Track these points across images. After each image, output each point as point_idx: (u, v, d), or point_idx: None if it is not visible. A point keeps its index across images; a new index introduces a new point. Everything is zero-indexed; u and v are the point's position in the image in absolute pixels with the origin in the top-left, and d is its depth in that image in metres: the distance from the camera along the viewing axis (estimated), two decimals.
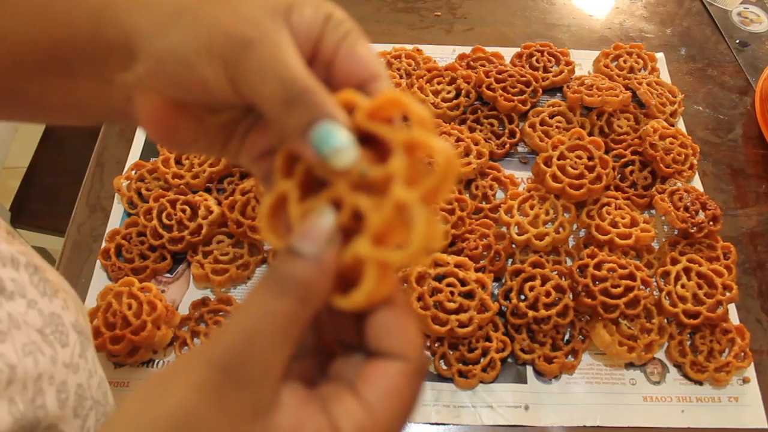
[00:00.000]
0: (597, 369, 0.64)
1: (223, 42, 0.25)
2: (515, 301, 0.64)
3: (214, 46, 0.25)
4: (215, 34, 0.25)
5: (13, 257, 0.34)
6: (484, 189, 0.73)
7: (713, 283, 0.65)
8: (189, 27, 0.25)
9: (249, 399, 0.21)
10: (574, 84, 0.81)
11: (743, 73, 0.90)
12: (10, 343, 0.29)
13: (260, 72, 0.24)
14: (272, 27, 0.25)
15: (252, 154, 0.30)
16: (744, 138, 0.83)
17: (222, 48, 0.25)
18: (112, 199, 0.74)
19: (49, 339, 0.34)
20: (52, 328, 0.35)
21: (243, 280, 0.67)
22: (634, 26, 0.95)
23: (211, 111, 0.29)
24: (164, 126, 0.29)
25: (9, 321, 0.30)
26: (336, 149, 0.23)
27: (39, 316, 0.33)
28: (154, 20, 0.26)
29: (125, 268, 0.66)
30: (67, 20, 0.29)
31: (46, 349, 0.32)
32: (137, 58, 0.27)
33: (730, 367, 0.63)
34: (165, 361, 0.63)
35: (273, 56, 0.24)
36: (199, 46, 0.25)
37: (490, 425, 0.60)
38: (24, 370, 0.29)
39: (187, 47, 0.25)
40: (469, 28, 0.94)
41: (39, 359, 0.31)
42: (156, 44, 0.26)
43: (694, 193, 0.70)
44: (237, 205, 0.69)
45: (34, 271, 0.35)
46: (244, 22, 0.25)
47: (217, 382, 0.21)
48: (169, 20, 0.26)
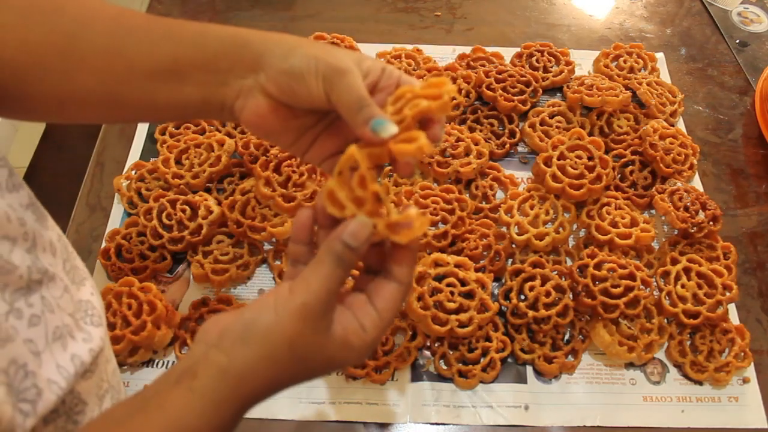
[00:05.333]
0: (597, 369, 0.64)
1: (326, 69, 0.40)
2: (515, 301, 0.64)
3: (320, 70, 0.40)
4: (321, 64, 0.40)
5: (51, 243, 0.39)
6: (484, 189, 0.73)
7: (713, 283, 0.65)
8: (304, 56, 0.40)
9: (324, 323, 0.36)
10: (574, 84, 0.81)
11: (743, 73, 0.90)
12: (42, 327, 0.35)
13: (347, 89, 0.39)
14: (353, 66, 0.40)
15: (321, 154, 0.45)
16: (744, 138, 0.83)
17: (325, 72, 0.40)
18: (112, 199, 0.74)
19: (80, 324, 0.38)
20: (82, 314, 0.40)
21: (243, 280, 0.67)
22: (634, 26, 0.95)
23: (294, 116, 0.43)
24: (262, 120, 0.43)
25: (42, 305, 0.35)
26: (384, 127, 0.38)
27: (70, 302, 0.39)
28: (281, 49, 0.42)
29: (125, 268, 0.66)
30: (197, 43, 0.42)
31: (77, 333, 0.38)
32: (261, 71, 0.42)
33: (730, 367, 0.63)
34: (165, 361, 0.63)
35: (354, 82, 0.40)
36: (310, 69, 0.40)
37: (490, 425, 0.60)
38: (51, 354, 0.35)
39: (303, 68, 0.40)
40: (469, 28, 0.94)
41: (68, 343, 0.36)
42: (281, 64, 0.41)
43: (694, 193, 0.70)
44: (237, 205, 0.69)
45: (67, 257, 0.41)
46: (339, 60, 0.40)
47: (311, 313, 0.35)
48: (290, 50, 0.41)
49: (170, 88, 0.43)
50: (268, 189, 0.68)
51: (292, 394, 0.60)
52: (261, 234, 0.67)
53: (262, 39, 0.42)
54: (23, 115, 0.45)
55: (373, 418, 0.60)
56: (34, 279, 0.35)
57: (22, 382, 0.33)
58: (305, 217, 0.40)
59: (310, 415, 0.60)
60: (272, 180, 0.68)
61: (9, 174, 0.37)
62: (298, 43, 0.42)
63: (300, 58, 0.40)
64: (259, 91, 0.42)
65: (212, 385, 0.34)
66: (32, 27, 0.41)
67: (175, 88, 0.43)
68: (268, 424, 0.59)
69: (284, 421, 0.59)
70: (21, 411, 0.32)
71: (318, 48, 0.41)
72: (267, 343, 0.35)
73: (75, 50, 0.42)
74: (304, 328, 0.36)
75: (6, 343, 0.32)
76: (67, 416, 0.37)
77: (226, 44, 0.42)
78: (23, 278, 0.35)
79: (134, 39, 0.42)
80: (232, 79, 0.42)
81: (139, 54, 0.42)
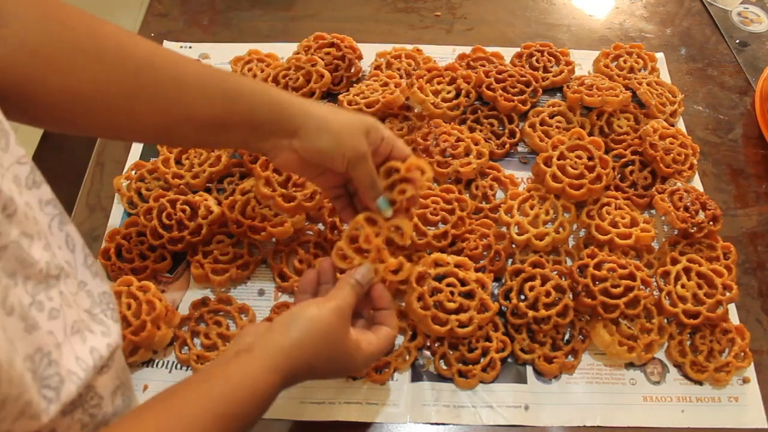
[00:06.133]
0: (597, 369, 0.64)
1: (351, 154, 0.52)
2: (515, 301, 0.64)
3: (346, 155, 0.52)
4: (348, 149, 0.52)
5: (69, 237, 0.40)
6: (484, 189, 0.73)
7: (713, 283, 0.65)
8: (333, 138, 0.52)
9: (347, 326, 0.50)
10: (574, 84, 0.81)
11: (743, 73, 0.90)
12: (61, 320, 0.36)
13: (364, 172, 0.54)
14: (366, 147, 0.53)
15: (326, 185, 0.58)
16: (744, 138, 0.83)
17: (350, 157, 0.53)
18: (112, 199, 0.74)
19: (98, 318, 0.40)
20: (104, 306, 0.42)
21: (243, 280, 0.67)
22: (634, 26, 0.95)
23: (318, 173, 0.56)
24: (291, 168, 0.56)
25: (60, 300, 0.36)
26: (384, 209, 0.56)
27: (87, 298, 0.41)
28: (315, 123, 0.52)
29: (125, 268, 0.66)
30: (248, 105, 0.51)
31: (95, 326, 0.40)
32: (297, 139, 0.52)
33: (730, 367, 0.63)
34: (165, 361, 0.63)
35: (369, 167, 0.54)
36: (338, 151, 0.52)
37: (490, 425, 0.60)
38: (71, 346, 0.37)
39: (332, 150, 0.52)
40: (469, 28, 0.94)
41: (87, 336, 0.38)
42: (315, 141, 0.52)
43: (694, 193, 0.70)
44: (237, 205, 0.69)
45: (89, 252, 0.42)
46: (360, 144, 0.53)
47: (342, 313, 0.49)
48: (322, 128, 0.52)
49: (217, 136, 0.54)
50: (268, 189, 0.68)
51: (293, 395, 0.60)
52: (261, 234, 0.67)
53: (300, 111, 0.52)
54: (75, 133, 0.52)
55: (373, 418, 0.60)
56: (52, 274, 0.37)
57: (46, 369, 0.34)
58: (312, 275, 0.55)
59: (310, 415, 0.60)
60: (272, 180, 0.68)
61: (30, 170, 0.38)
62: (327, 118, 0.52)
63: (330, 140, 0.52)
64: (292, 151, 0.53)
65: (267, 354, 0.44)
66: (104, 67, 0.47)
67: (221, 136, 0.54)
68: (268, 424, 0.59)
69: (284, 421, 0.59)
70: (45, 397, 0.34)
71: (343, 125, 0.52)
72: (309, 329, 0.47)
73: (141, 93, 0.48)
74: (337, 324, 0.48)
75: (33, 330, 0.33)
76: (83, 409, 0.38)
77: (273, 111, 0.52)
78: (42, 272, 0.36)
79: (193, 92, 0.50)
80: (271, 138, 0.53)
81: (196, 107, 0.50)
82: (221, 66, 0.85)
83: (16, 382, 0.30)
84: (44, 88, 0.45)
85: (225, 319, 0.64)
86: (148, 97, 0.49)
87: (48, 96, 0.46)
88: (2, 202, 0.33)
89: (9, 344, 0.31)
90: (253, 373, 0.43)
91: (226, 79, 0.52)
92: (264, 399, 0.44)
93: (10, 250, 0.33)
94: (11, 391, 0.30)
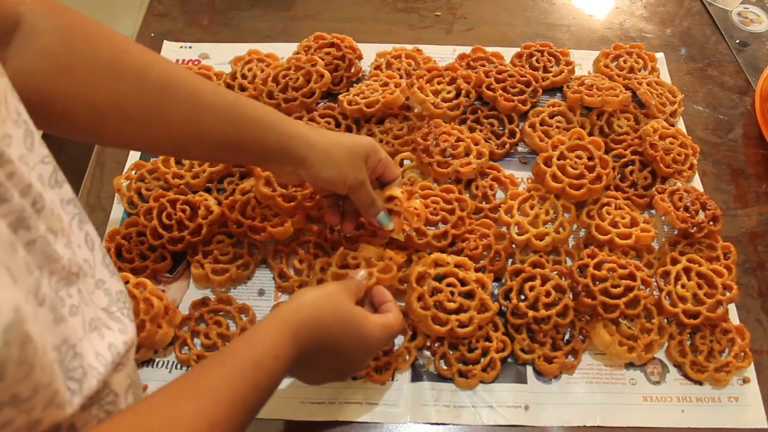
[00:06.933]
0: (597, 369, 0.64)
1: (351, 180, 0.58)
2: (515, 301, 0.64)
3: (348, 183, 0.58)
4: (350, 178, 0.58)
5: (88, 236, 0.41)
6: (484, 189, 0.73)
7: (713, 283, 0.65)
8: (336, 169, 0.57)
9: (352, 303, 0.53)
10: (574, 84, 0.81)
11: (743, 73, 0.90)
12: (80, 317, 0.36)
13: (364, 195, 0.60)
14: (365, 174, 0.59)
15: (322, 194, 0.64)
16: (744, 138, 0.83)
17: (350, 182, 0.58)
18: (112, 199, 0.74)
19: (115, 316, 0.41)
20: (120, 304, 0.42)
21: (243, 280, 0.67)
22: (634, 26, 0.95)
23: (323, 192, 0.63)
24: (295, 183, 0.65)
25: (79, 297, 0.37)
26: (385, 223, 0.63)
27: (105, 296, 0.41)
28: (319, 156, 0.57)
29: (125, 269, 0.66)
30: (260, 133, 0.55)
31: (113, 324, 0.40)
32: (302, 168, 0.57)
33: (730, 367, 0.63)
34: (165, 361, 0.63)
35: (369, 191, 0.60)
36: (341, 180, 0.58)
37: (490, 425, 0.60)
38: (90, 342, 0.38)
39: (335, 180, 0.58)
40: (469, 28, 0.94)
41: (105, 333, 0.39)
42: (319, 172, 0.57)
43: (694, 193, 0.70)
44: (237, 205, 0.69)
45: (106, 251, 0.43)
46: (360, 171, 0.59)
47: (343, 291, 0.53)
48: (326, 160, 0.57)
49: (228, 157, 0.59)
50: (268, 189, 0.68)
51: (293, 395, 0.60)
52: (261, 234, 0.67)
53: (305, 144, 0.56)
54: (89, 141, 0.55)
55: (373, 418, 0.60)
56: (73, 272, 0.37)
57: (71, 361, 0.34)
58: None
59: (309, 415, 0.60)
60: (272, 180, 0.68)
61: (53, 170, 0.39)
62: (330, 150, 0.57)
63: (333, 169, 0.57)
64: (298, 177, 0.58)
65: (287, 317, 0.47)
66: (123, 81, 0.49)
67: (232, 157, 0.60)
68: (268, 424, 0.59)
69: (284, 421, 0.59)
70: (69, 389, 0.34)
71: (344, 155, 0.57)
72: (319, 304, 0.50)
73: (160, 110, 0.51)
74: (342, 300, 0.52)
75: (60, 322, 0.34)
76: (99, 405, 0.38)
77: (281, 140, 0.56)
78: (65, 269, 0.36)
79: (208, 115, 0.53)
80: (278, 164, 0.57)
81: (210, 130, 0.53)
82: (221, 66, 0.85)
83: (47, 369, 0.31)
84: (63, 97, 0.47)
85: (225, 319, 0.64)
86: (163, 114, 0.51)
87: (66, 105, 0.47)
88: (32, 197, 0.34)
89: (42, 333, 0.31)
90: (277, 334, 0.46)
91: (238, 105, 0.54)
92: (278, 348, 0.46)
93: (39, 244, 0.34)
94: (43, 378, 0.30)
